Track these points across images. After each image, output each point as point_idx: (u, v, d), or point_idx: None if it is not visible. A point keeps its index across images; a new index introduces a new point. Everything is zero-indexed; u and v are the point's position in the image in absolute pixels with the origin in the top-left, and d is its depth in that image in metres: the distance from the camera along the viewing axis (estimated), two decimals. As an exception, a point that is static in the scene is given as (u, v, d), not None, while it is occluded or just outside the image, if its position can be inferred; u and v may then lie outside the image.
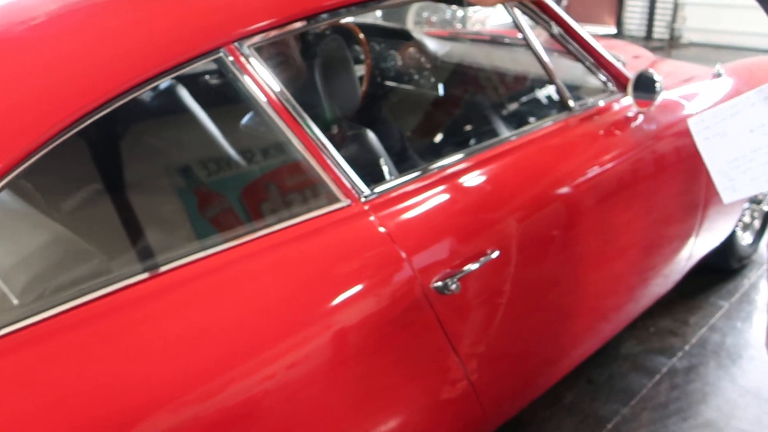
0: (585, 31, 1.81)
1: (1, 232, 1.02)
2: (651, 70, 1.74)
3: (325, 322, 1.10)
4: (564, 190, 1.53)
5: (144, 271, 0.99)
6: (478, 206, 1.35)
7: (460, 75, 2.05)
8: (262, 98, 1.15)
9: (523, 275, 1.42)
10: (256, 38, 1.16)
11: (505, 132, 1.69)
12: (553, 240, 1.50)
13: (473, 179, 1.39)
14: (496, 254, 1.30)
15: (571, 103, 1.68)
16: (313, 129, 1.19)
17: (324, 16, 1.26)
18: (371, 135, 1.43)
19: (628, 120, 1.77)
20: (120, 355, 0.91)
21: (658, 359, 2.18)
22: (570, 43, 1.78)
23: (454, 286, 1.21)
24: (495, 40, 2.44)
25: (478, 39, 2.57)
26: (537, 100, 1.84)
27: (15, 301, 0.95)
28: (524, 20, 1.68)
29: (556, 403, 1.98)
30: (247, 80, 1.14)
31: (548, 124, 1.62)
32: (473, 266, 1.26)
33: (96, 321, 0.92)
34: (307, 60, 1.50)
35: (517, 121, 1.80)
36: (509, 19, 1.67)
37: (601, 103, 1.77)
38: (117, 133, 1.35)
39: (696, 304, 2.45)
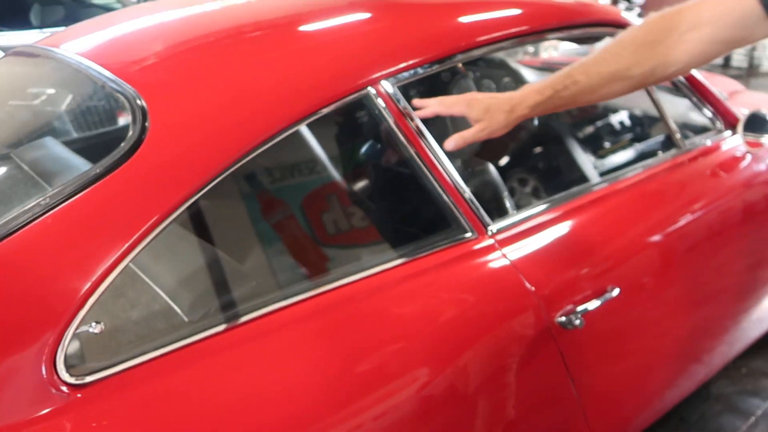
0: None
1: (170, 253, 1.10)
2: (764, 110, 1.73)
3: (457, 352, 1.14)
4: (674, 229, 1.54)
5: (302, 292, 1.07)
6: (597, 243, 1.38)
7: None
8: (401, 133, 1.22)
9: (638, 313, 1.43)
10: (400, 77, 1.23)
11: (615, 168, 1.70)
12: (663, 280, 1.51)
13: (591, 216, 1.41)
14: (616, 292, 1.32)
15: (680, 141, 1.69)
16: (446, 164, 1.25)
17: (459, 56, 1.32)
18: (493, 170, 1.48)
19: (737, 160, 1.76)
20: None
21: (752, 401, 2.14)
22: (679, 80, 1.79)
23: (578, 322, 1.24)
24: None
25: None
26: (647, 137, 1.85)
27: (185, 318, 1.03)
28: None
29: (648, 440, 1.97)
30: (389, 116, 1.21)
31: (660, 162, 1.63)
32: (596, 303, 1.28)
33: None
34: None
35: (627, 156, 1.82)
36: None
37: (709, 142, 1.77)
38: (272, 165, 1.44)
39: (789, 346, 2.39)
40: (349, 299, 1.09)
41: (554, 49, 6.06)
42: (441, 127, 1.38)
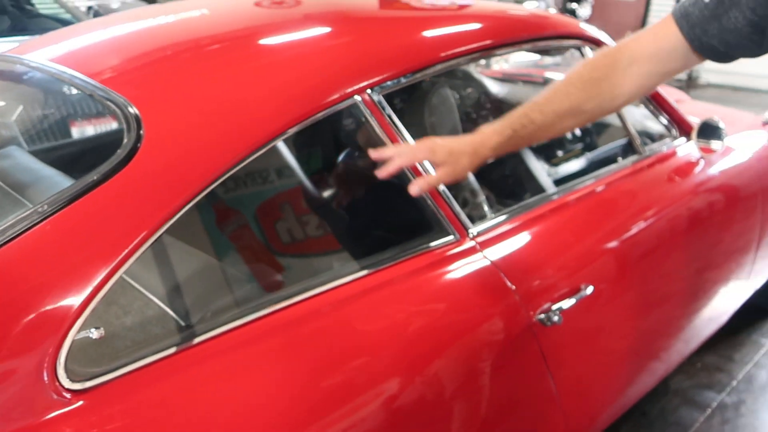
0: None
1: (165, 259, 1.11)
2: (716, 118, 1.84)
3: (444, 348, 1.19)
4: (641, 229, 1.62)
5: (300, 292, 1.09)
6: (572, 243, 1.45)
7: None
8: (387, 139, 1.26)
9: (609, 311, 1.50)
10: (386, 86, 1.27)
11: (585, 171, 1.78)
12: (631, 279, 1.59)
13: (566, 217, 1.48)
14: (590, 290, 1.39)
15: (640, 147, 1.79)
16: (428, 168, 1.29)
17: (438, 66, 1.37)
18: (469, 174, 1.53)
19: (693, 165, 1.87)
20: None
21: (708, 394, 2.25)
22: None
23: (556, 318, 1.30)
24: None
25: (532, 81, 2.69)
26: (609, 144, 1.94)
27: (182, 323, 1.04)
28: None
29: (613, 435, 2.05)
30: (375, 123, 1.25)
31: (622, 167, 1.72)
32: (572, 300, 1.35)
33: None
34: (418, 106, 1.61)
35: (591, 162, 1.90)
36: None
37: (665, 149, 1.87)
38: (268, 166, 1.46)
39: (739, 340, 2.52)
40: (350, 298, 1.13)
41: (505, 61, 6.23)
42: (422, 132, 1.42)
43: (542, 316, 1.30)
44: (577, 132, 2.09)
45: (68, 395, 0.91)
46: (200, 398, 0.96)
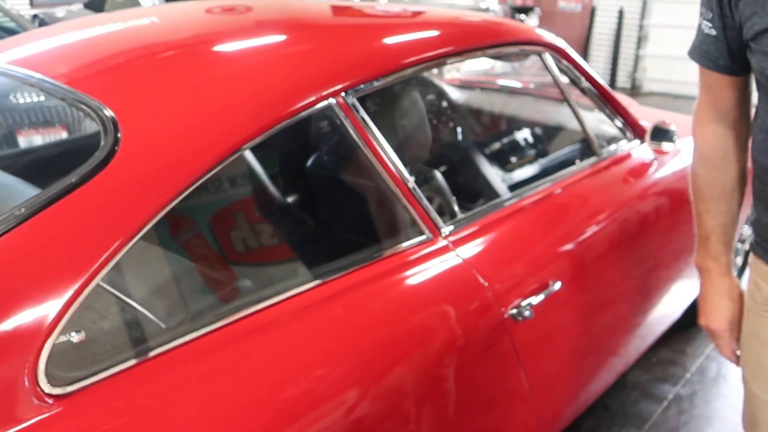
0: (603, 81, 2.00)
1: (142, 263, 1.10)
2: (668, 121, 1.93)
3: (422, 343, 1.21)
4: (596, 230, 1.68)
5: (277, 293, 1.10)
6: (537, 241, 1.49)
7: (488, 121, 2.22)
8: (361, 141, 1.28)
9: (573, 307, 1.56)
10: (358, 89, 1.29)
11: (544, 175, 1.84)
12: (589, 277, 1.65)
13: (532, 215, 1.53)
14: (558, 285, 1.44)
15: (598, 149, 1.86)
16: (402, 170, 1.32)
17: (408, 71, 1.40)
18: (440, 176, 1.56)
19: (647, 165, 1.95)
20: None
21: (664, 387, 2.34)
22: (594, 93, 1.96)
23: (527, 313, 1.34)
24: (519, 90, 2.64)
25: (489, 87, 2.75)
26: (569, 146, 2.01)
27: (162, 326, 1.03)
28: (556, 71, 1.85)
29: (576, 430, 2.10)
30: (349, 125, 1.27)
31: (582, 168, 1.78)
32: (541, 296, 1.39)
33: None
34: (389, 110, 1.64)
35: (555, 164, 1.96)
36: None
37: (621, 151, 1.95)
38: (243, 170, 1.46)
39: (691, 335, 2.63)
40: (331, 297, 1.14)
41: (456, 70, 6.34)
42: (394, 134, 1.45)
43: (514, 311, 1.34)
44: (531, 139, 2.16)
45: (50, 400, 0.89)
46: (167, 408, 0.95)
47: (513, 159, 1.98)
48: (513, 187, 1.74)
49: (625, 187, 1.85)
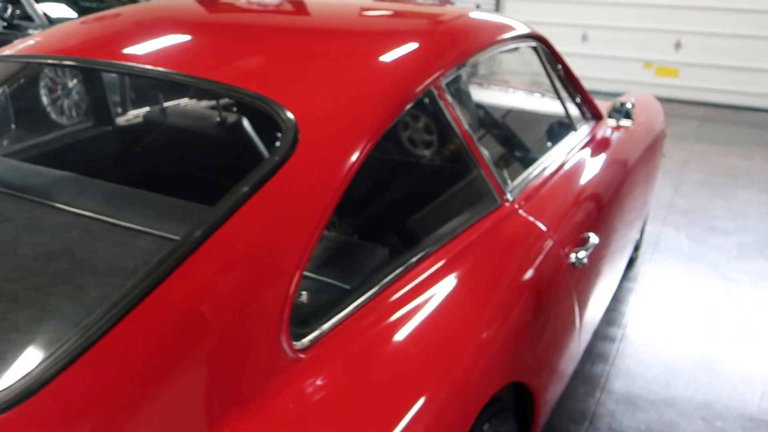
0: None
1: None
2: (626, 100, 2.31)
3: (510, 290, 1.42)
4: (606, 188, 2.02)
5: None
6: (575, 201, 1.78)
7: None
8: (454, 122, 1.48)
9: (600, 258, 1.88)
10: (448, 78, 1.49)
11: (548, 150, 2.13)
12: (610, 229, 2.00)
13: (562, 180, 1.82)
14: (594, 237, 1.73)
15: (576, 125, 2.18)
16: (480, 146, 1.54)
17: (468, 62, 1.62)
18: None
19: (609, 140, 2.31)
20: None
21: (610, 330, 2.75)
22: (566, 80, 2.27)
23: (585, 260, 1.61)
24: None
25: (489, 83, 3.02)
26: (556, 125, 2.31)
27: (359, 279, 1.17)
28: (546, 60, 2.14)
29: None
30: (445, 108, 1.47)
31: (577, 141, 2.10)
32: (588, 246, 1.67)
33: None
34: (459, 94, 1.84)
35: (546, 140, 2.27)
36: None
37: (587, 128, 2.29)
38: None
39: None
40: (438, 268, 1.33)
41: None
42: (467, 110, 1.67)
43: (573, 259, 1.61)
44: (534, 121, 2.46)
45: (302, 355, 1.01)
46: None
47: (526, 139, 2.26)
48: (534, 160, 2.01)
49: (602, 156, 2.19)
